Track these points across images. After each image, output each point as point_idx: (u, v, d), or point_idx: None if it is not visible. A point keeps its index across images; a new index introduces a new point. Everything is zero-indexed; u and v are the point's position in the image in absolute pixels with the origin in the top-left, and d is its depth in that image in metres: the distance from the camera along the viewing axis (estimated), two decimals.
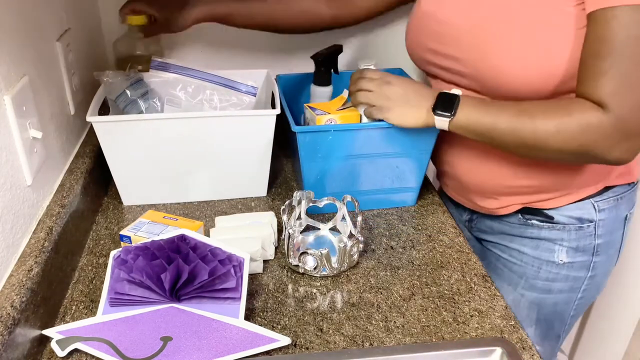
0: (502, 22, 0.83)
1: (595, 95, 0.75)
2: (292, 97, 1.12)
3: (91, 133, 1.11)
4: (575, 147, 0.78)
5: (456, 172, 1.02)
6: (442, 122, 0.86)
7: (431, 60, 0.95)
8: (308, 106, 1.02)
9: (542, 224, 0.97)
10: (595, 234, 0.96)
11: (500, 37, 0.83)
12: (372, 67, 0.96)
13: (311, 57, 1.07)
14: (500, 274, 1.05)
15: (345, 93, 1.01)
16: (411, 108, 0.88)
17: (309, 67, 1.11)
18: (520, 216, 0.99)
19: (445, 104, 0.85)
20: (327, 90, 1.09)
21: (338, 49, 1.09)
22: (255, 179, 1.08)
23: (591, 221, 0.95)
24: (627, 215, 0.99)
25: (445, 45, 0.90)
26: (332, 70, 1.08)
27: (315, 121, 0.98)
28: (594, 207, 0.95)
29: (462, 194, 1.05)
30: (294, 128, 0.92)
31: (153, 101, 1.09)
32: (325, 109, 1.00)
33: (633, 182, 0.97)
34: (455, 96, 0.85)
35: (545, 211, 0.96)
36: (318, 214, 1.02)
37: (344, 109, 0.99)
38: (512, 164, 0.93)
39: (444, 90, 0.87)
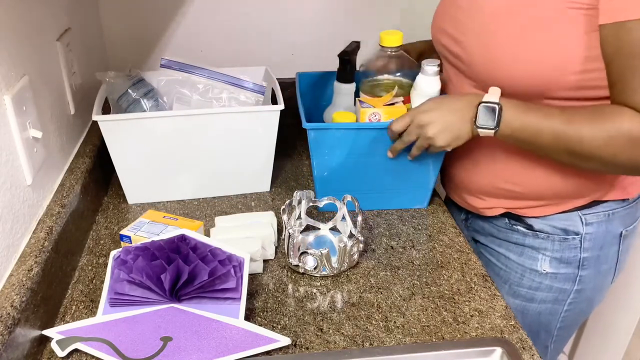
0: (512, 17, 0.82)
1: None
2: (312, 94, 1.12)
3: (91, 133, 1.11)
4: (624, 160, 0.76)
5: (447, 166, 1.02)
6: (487, 133, 0.84)
7: (445, 43, 0.95)
8: (359, 99, 1.02)
9: (526, 230, 0.96)
10: (581, 247, 0.94)
11: (506, 32, 0.82)
12: (436, 67, 0.94)
13: (338, 55, 1.07)
14: None
15: (396, 88, 1.01)
16: (457, 131, 0.86)
17: (308, 65, 1.10)
18: (507, 220, 0.98)
19: (487, 116, 0.82)
20: (351, 87, 1.09)
21: (358, 46, 1.09)
22: (259, 174, 1.09)
23: (577, 233, 0.93)
24: (622, 232, 0.95)
25: (458, 31, 0.90)
26: (354, 68, 1.08)
27: (360, 114, 0.98)
28: (581, 220, 0.92)
29: (455, 191, 1.06)
30: (305, 125, 0.94)
31: (162, 100, 1.09)
32: (372, 103, 0.99)
33: (627, 199, 0.94)
34: (497, 105, 0.82)
35: (527, 219, 0.95)
36: (318, 214, 1.02)
37: (392, 104, 0.99)
38: (500, 165, 0.92)
39: (483, 101, 0.83)
